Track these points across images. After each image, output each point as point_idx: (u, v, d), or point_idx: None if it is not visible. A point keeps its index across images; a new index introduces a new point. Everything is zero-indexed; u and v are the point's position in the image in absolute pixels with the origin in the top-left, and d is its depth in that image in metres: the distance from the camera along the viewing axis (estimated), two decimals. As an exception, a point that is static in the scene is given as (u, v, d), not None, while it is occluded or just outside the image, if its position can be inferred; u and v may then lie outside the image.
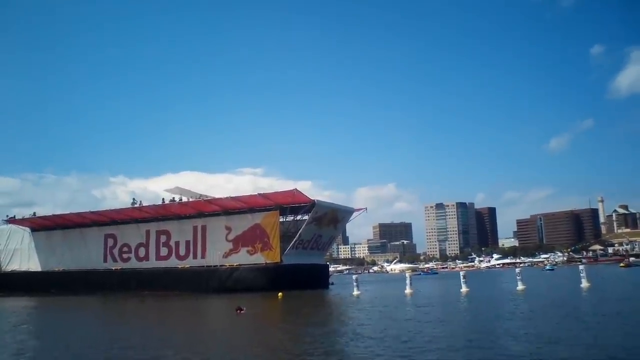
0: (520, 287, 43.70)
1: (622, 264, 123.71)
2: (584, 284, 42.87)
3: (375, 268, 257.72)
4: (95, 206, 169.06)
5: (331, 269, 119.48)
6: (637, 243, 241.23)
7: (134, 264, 73.55)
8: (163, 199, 75.48)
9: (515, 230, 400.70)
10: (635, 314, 22.85)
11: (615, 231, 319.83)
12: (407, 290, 46.29)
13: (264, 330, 23.91)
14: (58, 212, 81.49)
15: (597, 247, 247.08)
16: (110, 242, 76.44)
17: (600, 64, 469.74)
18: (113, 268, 74.39)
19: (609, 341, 15.39)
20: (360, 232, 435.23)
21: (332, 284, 74.31)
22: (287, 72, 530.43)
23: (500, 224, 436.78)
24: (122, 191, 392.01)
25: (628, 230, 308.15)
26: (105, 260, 76.02)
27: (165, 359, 15.81)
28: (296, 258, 63.48)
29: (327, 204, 68.93)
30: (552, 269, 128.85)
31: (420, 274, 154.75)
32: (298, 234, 63.91)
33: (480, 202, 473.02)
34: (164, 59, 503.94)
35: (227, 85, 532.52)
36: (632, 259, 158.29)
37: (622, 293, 38.06)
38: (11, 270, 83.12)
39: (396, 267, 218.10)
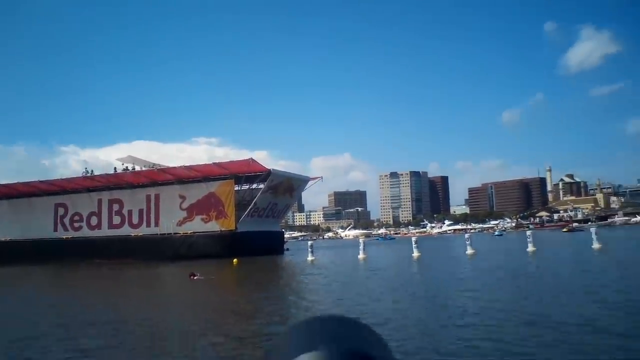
0: (469, 251, 45.18)
1: (565, 229, 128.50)
2: (530, 248, 44.48)
3: (330, 234, 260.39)
4: (45, 176, 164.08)
5: (286, 235, 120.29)
6: (580, 210, 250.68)
7: (86, 232, 72.49)
8: (115, 168, 74.45)
9: (467, 198, 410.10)
10: (568, 278, 24.09)
11: (561, 199, 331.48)
12: (361, 256, 47.24)
13: (215, 295, 24.18)
14: (4, 182, 79.01)
15: (543, 213, 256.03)
16: (61, 211, 74.91)
17: (553, 40, 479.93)
18: (64, 237, 73.06)
19: (543, 306, 16.31)
20: (315, 200, 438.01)
21: (287, 250, 75.03)
22: (243, 40, 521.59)
23: (453, 192, 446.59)
24: (74, 160, 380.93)
25: (573, 197, 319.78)
26: (55, 230, 74.55)
27: (101, 327, 15.93)
28: (251, 225, 63.76)
29: (283, 173, 69.32)
30: (501, 234, 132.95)
31: (377, 239, 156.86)
32: (253, 202, 64.19)
33: (434, 171, 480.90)
34: (119, 24, 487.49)
35: (181, 53, 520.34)
36: (575, 224, 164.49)
37: (565, 256, 39.85)
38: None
39: (350, 233, 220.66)
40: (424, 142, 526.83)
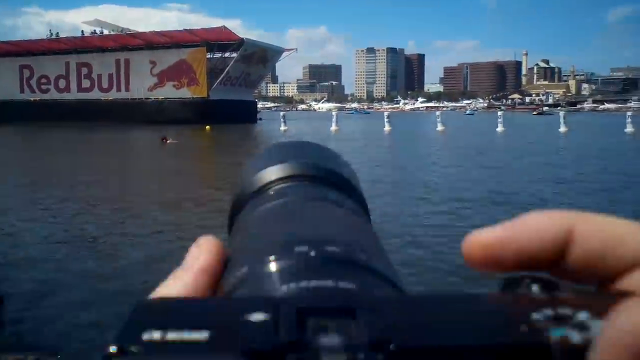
0: (439, 128, 45.97)
1: (535, 112, 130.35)
2: (500, 128, 45.28)
3: (303, 106, 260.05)
4: (6, 37, 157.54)
5: (259, 106, 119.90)
6: (552, 95, 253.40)
7: (54, 95, 71.23)
8: (82, 31, 72.18)
9: (442, 77, 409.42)
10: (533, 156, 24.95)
11: (535, 83, 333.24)
12: (333, 127, 47.78)
13: (186, 159, 24.42)
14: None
15: (516, 96, 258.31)
16: (26, 73, 72.87)
17: None
18: (32, 99, 71.75)
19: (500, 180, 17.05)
20: (290, 72, 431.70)
21: (261, 119, 75.21)
22: None
23: (428, 70, 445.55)
24: (37, 22, 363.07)
25: (546, 82, 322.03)
26: (22, 91, 72.97)
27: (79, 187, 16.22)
28: (224, 94, 63.44)
29: (256, 42, 68.32)
30: (472, 114, 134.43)
31: (353, 112, 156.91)
32: (226, 71, 63.57)
33: (411, 48, 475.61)
34: None
35: None
36: (545, 108, 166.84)
37: (531, 137, 40.92)
38: None
39: (324, 106, 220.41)
40: (403, 19, 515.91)
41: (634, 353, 0.18)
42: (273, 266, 0.26)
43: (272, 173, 0.43)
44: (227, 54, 66.09)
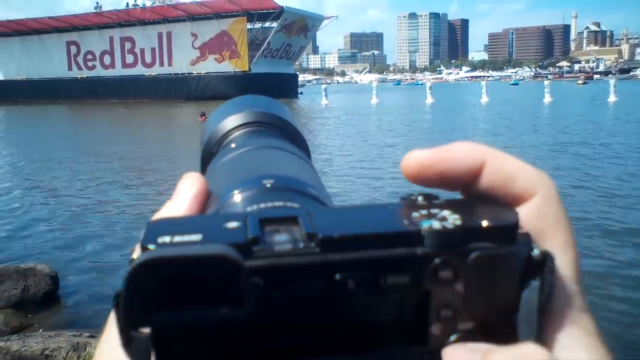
0: (483, 99, 45.15)
1: (579, 81, 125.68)
2: (547, 98, 43.97)
3: (344, 79, 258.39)
4: (53, 10, 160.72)
5: (300, 78, 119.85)
6: (602, 60, 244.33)
7: (100, 72, 72.59)
8: (127, 3, 73.12)
9: (487, 44, 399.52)
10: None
11: (584, 49, 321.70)
12: (373, 100, 47.52)
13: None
14: (12, 17, 77.86)
15: (564, 63, 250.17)
16: (73, 49, 74.44)
17: None
18: (79, 77, 73.40)
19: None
20: (330, 41, 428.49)
21: (301, 93, 75.18)
22: None
23: (472, 37, 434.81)
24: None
25: (597, 48, 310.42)
26: (70, 69, 74.70)
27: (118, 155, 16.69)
28: (265, 67, 63.47)
29: (296, 10, 67.84)
30: (517, 84, 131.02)
31: (409, 84, 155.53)
32: (267, 42, 63.46)
33: (454, 13, 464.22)
34: None
35: None
36: (596, 76, 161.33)
37: (578, 108, 39.76)
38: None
39: (365, 78, 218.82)
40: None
41: None
42: (243, 195, 0.39)
43: (233, 121, 0.56)
44: (267, 24, 66.00)
